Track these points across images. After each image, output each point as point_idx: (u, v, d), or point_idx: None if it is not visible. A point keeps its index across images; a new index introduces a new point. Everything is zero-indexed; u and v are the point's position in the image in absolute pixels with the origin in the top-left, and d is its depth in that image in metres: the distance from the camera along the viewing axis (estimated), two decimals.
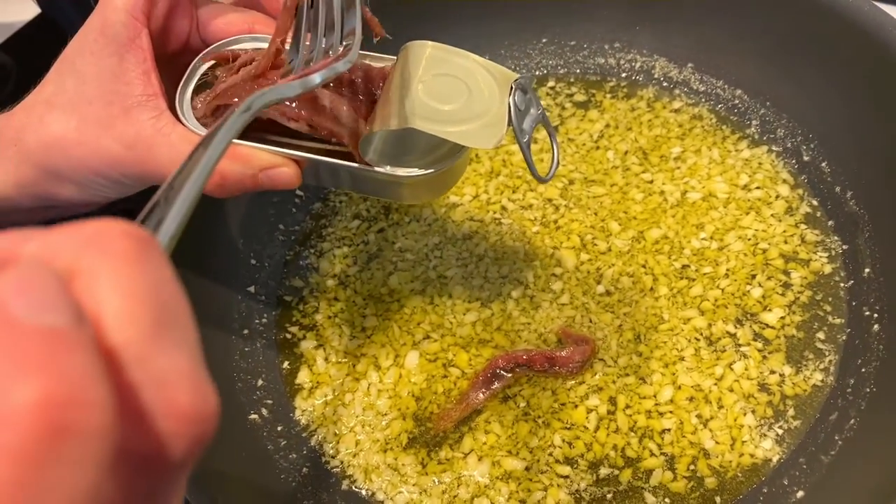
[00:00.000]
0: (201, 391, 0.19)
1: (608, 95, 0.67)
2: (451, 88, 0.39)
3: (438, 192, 0.45)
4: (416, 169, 0.40)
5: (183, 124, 0.40)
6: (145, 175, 0.41)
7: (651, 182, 0.61)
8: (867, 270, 0.53)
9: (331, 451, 0.52)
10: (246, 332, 0.56)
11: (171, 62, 0.44)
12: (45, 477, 0.15)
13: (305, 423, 0.53)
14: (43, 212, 0.46)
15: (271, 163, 0.40)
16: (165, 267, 0.20)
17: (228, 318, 0.56)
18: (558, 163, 0.42)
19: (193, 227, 0.56)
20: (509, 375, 0.53)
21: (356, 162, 0.40)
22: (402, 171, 0.40)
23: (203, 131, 0.41)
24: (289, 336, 0.57)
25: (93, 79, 0.40)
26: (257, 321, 0.57)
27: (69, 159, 0.41)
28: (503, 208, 0.61)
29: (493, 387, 0.52)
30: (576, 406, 0.51)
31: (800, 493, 0.46)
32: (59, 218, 0.48)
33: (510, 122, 0.39)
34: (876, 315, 0.51)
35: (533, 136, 0.43)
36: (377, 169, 0.40)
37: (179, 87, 0.42)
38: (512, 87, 0.39)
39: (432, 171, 0.40)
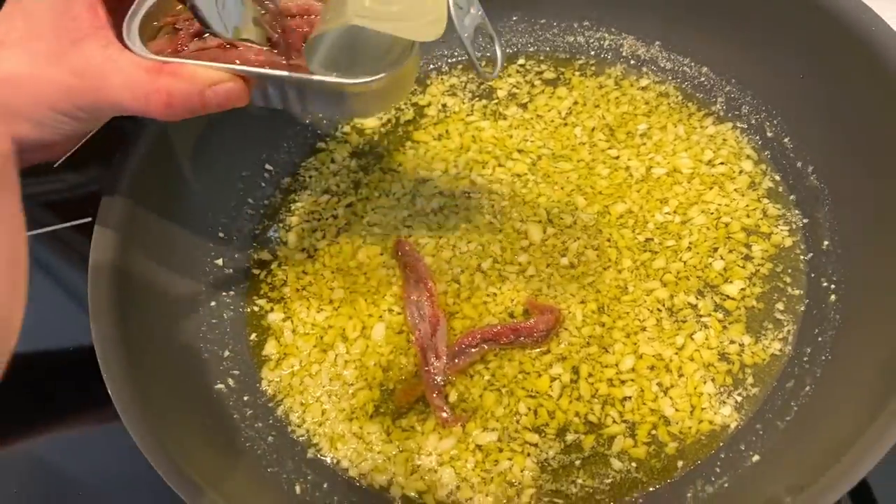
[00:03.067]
0: None
1: (577, 73, 0.67)
2: None
3: (388, 103, 0.46)
4: (361, 76, 0.41)
5: (131, 51, 0.42)
6: (98, 104, 0.42)
7: (617, 158, 0.61)
8: (826, 243, 0.54)
9: (297, 421, 0.52)
10: (213, 304, 0.56)
11: (115, 7, 0.44)
12: None
13: (272, 394, 0.54)
14: None
15: (217, 78, 0.41)
16: None
17: (196, 290, 0.56)
18: (502, 63, 0.45)
19: (161, 200, 0.56)
20: (475, 350, 0.53)
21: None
22: (347, 79, 0.41)
23: (153, 57, 0.42)
24: (256, 309, 0.58)
25: (41, 15, 0.41)
26: (225, 294, 0.58)
27: (24, 95, 0.41)
28: (472, 183, 0.62)
29: (457, 362, 0.53)
30: (539, 375, 0.52)
31: (755, 458, 0.47)
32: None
33: (450, 18, 0.40)
34: (833, 286, 0.52)
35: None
36: (323, 78, 0.41)
37: (126, 19, 0.43)
38: None
39: (377, 76, 0.41)
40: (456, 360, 0.53)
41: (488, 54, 0.64)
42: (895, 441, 0.38)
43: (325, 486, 0.49)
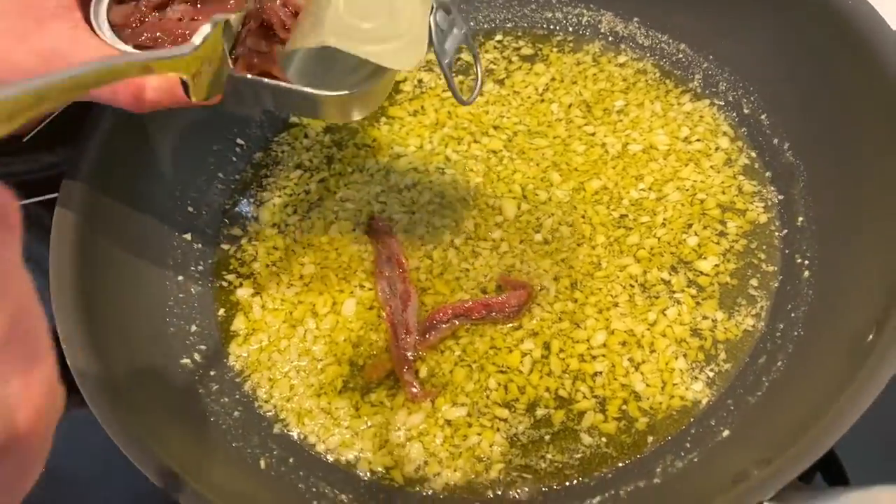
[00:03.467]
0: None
1: (555, 49, 0.66)
2: (373, 5, 0.38)
3: (366, 110, 0.44)
4: (335, 90, 0.39)
5: (98, 37, 0.40)
6: None
7: (593, 134, 0.61)
8: (801, 219, 0.54)
9: (264, 396, 0.52)
10: (181, 278, 0.55)
11: None
12: None
13: (239, 369, 0.53)
14: None
15: None
16: None
17: (163, 264, 0.55)
18: (482, 84, 0.42)
19: (128, 173, 0.55)
20: (446, 326, 0.52)
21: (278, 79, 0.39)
22: (320, 91, 0.39)
23: (119, 44, 0.40)
24: (225, 284, 0.57)
25: None
26: (193, 268, 0.57)
27: None
28: (447, 159, 0.61)
29: (427, 337, 0.52)
30: (511, 350, 0.51)
31: (726, 433, 0.46)
32: None
33: (431, 43, 0.38)
34: (807, 262, 0.52)
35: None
36: (296, 87, 0.39)
37: (94, 1, 0.41)
38: (433, 7, 0.39)
39: (352, 91, 0.39)
40: (427, 336, 0.52)
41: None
42: (861, 414, 0.38)
43: (290, 460, 0.48)
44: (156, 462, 0.41)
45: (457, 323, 0.53)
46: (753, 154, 0.58)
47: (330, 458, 0.49)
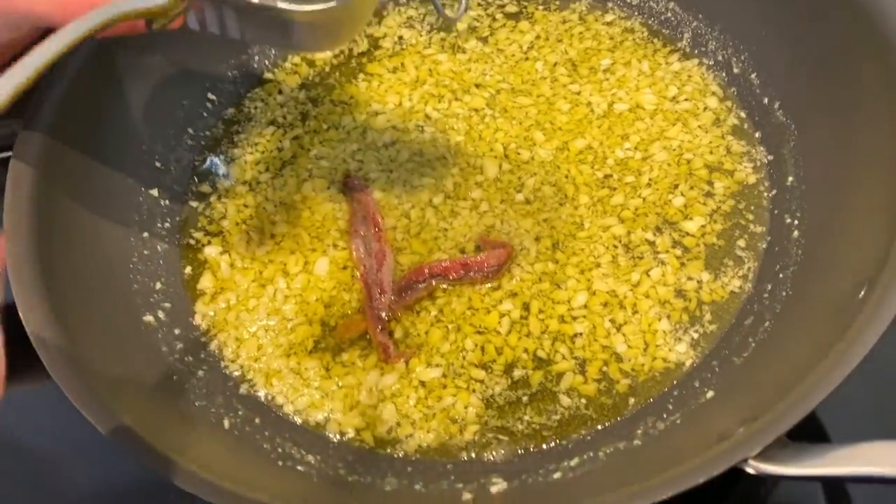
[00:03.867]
0: None
1: (540, 7, 0.64)
2: None
3: (339, 37, 0.41)
4: (310, 4, 0.36)
5: None
6: (8, 10, 0.37)
7: (578, 93, 0.59)
8: (790, 179, 0.52)
9: (230, 356, 0.50)
10: (146, 235, 0.53)
11: None
12: None
13: (206, 328, 0.51)
14: None
15: None
16: None
17: (128, 220, 0.53)
18: (467, 6, 0.40)
19: (91, 126, 0.52)
20: (422, 286, 0.50)
21: None
22: (292, 5, 0.36)
23: None
24: (193, 241, 0.54)
25: None
26: (159, 225, 0.54)
27: None
28: (427, 117, 0.59)
29: (403, 297, 0.50)
30: (489, 311, 0.49)
31: (710, 394, 0.44)
32: None
33: None
34: (796, 222, 0.50)
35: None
36: (266, 2, 0.36)
37: None
38: None
39: (328, 4, 0.36)
40: (402, 296, 0.50)
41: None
42: (848, 373, 0.36)
43: (256, 421, 0.46)
44: (115, 422, 0.39)
45: (433, 283, 0.51)
46: (743, 114, 0.56)
47: (298, 419, 0.47)
